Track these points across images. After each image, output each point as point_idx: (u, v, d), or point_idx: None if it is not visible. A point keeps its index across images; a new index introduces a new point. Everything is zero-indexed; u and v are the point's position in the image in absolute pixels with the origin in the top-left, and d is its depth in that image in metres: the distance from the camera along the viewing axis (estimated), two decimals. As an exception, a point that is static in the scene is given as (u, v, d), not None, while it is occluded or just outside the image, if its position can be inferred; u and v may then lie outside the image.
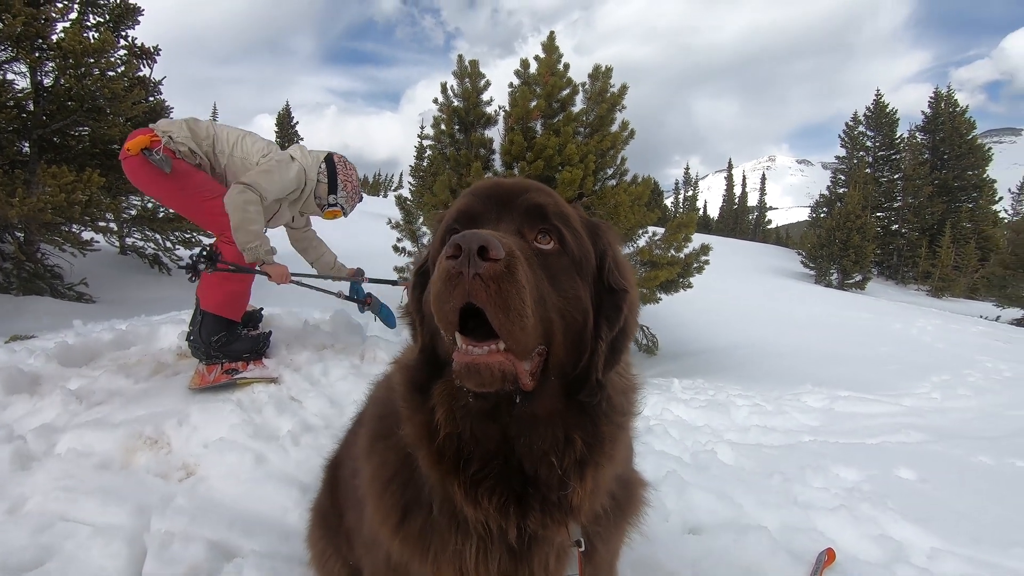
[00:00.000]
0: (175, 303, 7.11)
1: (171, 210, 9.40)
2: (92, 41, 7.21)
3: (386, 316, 4.21)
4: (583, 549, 1.07)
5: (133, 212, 9.27)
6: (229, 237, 3.26)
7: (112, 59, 7.77)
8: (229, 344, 3.27)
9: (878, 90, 38.37)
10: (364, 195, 4.14)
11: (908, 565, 2.18)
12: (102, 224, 8.37)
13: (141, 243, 9.78)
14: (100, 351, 3.67)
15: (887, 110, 37.01)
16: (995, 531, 2.70)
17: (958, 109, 35.16)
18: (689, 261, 7.88)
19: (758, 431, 4.19)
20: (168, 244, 9.74)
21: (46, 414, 2.75)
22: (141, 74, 8.70)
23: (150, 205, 9.62)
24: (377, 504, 1.09)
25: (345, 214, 3.95)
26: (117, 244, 9.88)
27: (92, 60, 7.22)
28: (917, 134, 36.12)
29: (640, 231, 7.95)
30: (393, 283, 4.36)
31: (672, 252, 7.78)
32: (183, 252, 9.77)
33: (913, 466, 3.52)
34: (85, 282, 8.02)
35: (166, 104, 9.45)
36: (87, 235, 8.17)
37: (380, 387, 1.34)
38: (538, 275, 0.92)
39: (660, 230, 8.33)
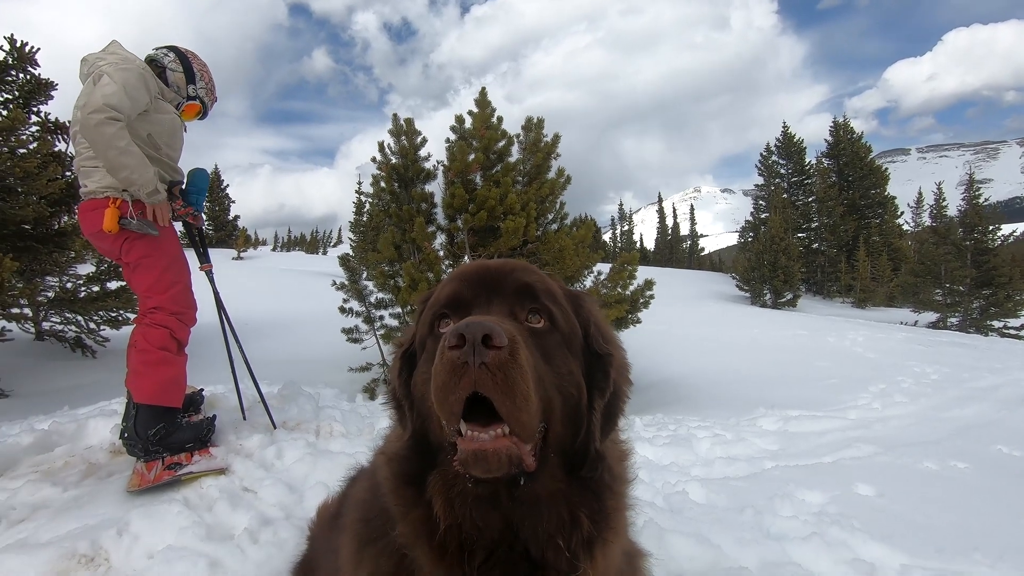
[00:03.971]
0: (102, 389, 6.56)
1: (96, 288, 8.86)
2: (0, 119, 6.83)
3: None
4: None
5: (51, 294, 8.61)
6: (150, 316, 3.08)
7: (23, 136, 7.36)
8: (169, 436, 3.01)
9: (784, 122, 41.82)
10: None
11: (884, 587, 2.23)
12: (15, 311, 7.71)
13: (60, 326, 9.06)
14: (18, 457, 3.29)
15: (795, 140, 40.22)
16: (953, 539, 2.83)
17: (855, 135, 38.70)
18: (636, 297, 8.10)
19: (722, 463, 4.25)
20: (92, 325, 9.07)
21: (-43, 542, 2.42)
22: (56, 150, 8.25)
23: (69, 285, 8.98)
24: None
25: (205, 111, 3.56)
26: (32, 330, 9.11)
27: (1, 139, 6.82)
28: (823, 160, 39.33)
29: (586, 272, 8.14)
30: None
31: (619, 290, 7.98)
32: (109, 332, 9.11)
33: (869, 481, 3.66)
34: (-4, 375, 7.30)
35: (85, 178, 8.97)
36: (-2, 324, 7.50)
37: (359, 487, 1.27)
38: (534, 355, 0.92)
39: (605, 268, 8.54)
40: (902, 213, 39.76)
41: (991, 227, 25.05)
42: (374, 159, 8.50)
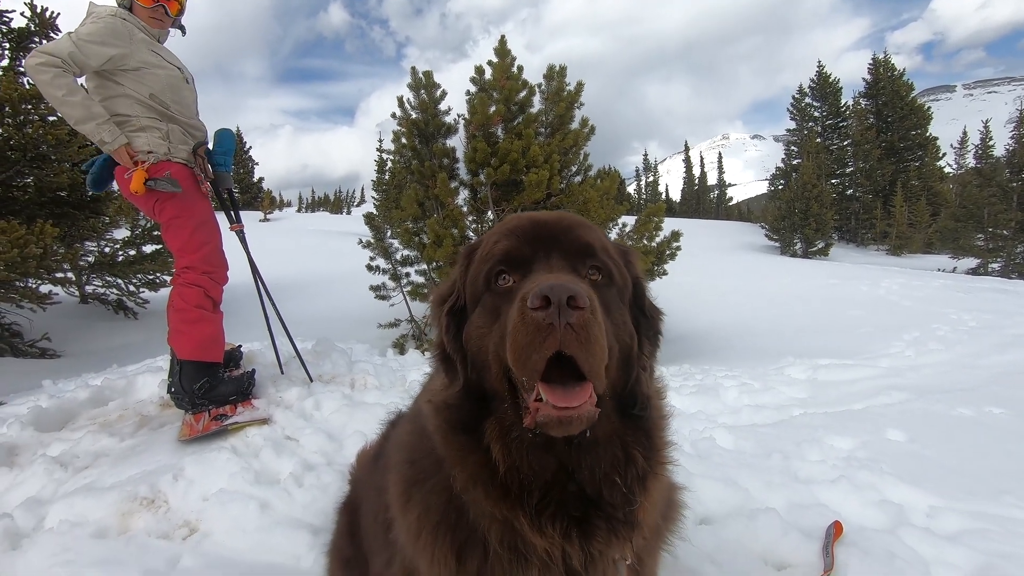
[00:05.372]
0: (145, 348, 6.88)
1: (132, 252, 9.14)
2: (28, 87, 6.93)
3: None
4: (629, 562, 1.10)
5: (91, 259, 8.94)
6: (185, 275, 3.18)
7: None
8: (213, 389, 3.16)
9: (820, 62, 39.60)
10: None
11: (911, 527, 2.25)
12: (59, 275, 8.03)
13: (102, 290, 9.44)
14: (77, 411, 3.52)
15: (830, 80, 38.14)
16: (985, 482, 2.82)
17: (896, 73, 36.42)
18: (662, 249, 8.00)
19: (750, 410, 4.27)
20: (131, 288, 9.42)
21: (30, 486, 2.61)
22: (84, 115, 8.37)
23: (107, 250, 9.29)
24: (429, 551, 1.08)
25: None
26: (77, 293, 9.51)
27: (30, 107, 6.94)
28: (861, 100, 37.26)
29: (611, 224, 8.04)
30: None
31: (645, 242, 7.89)
32: (148, 294, 9.46)
33: (901, 427, 3.64)
34: (47, 337, 7.69)
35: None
36: (45, 288, 7.84)
37: (400, 429, 1.32)
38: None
39: (630, 220, 8.42)
40: (944, 155, 37.76)
41: (1042, 167, 23.69)
42: (394, 115, 8.40)
